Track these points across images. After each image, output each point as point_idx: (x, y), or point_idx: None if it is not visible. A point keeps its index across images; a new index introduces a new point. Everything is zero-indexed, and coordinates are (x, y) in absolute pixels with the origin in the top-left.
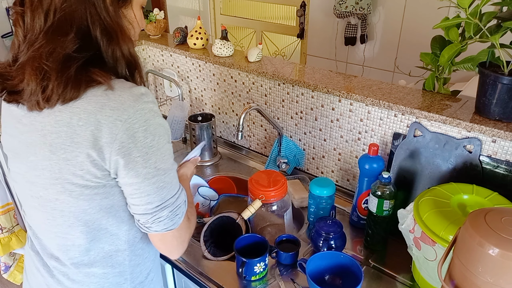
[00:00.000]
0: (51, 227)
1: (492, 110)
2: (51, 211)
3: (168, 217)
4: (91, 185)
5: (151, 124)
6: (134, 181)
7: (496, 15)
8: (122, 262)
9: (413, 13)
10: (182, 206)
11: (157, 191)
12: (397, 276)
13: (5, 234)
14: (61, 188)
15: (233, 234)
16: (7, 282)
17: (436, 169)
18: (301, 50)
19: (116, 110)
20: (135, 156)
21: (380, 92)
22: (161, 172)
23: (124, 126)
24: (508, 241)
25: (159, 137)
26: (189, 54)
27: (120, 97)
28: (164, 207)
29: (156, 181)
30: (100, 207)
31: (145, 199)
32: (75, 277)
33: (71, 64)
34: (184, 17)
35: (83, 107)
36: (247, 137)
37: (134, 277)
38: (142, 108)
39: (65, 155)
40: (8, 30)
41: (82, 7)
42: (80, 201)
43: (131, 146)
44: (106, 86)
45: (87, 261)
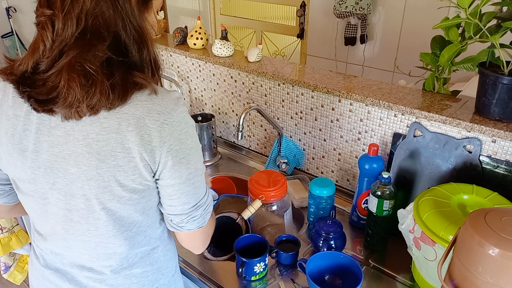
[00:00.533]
0: (92, 238)
1: (492, 110)
2: (93, 222)
3: (202, 216)
4: (139, 189)
5: (190, 126)
6: (176, 182)
7: (496, 15)
8: (158, 258)
9: (413, 13)
10: (211, 203)
11: (194, 191)
12: (397, 276)
13: (5, 234)
14: (110, 196)
15: (233, 234)
16: (7, 282)
17: (436, 169)
18: (301, 50)
19: (162, 114)
20: (180, 157)
21: (380, 92)
22: (199, 172)
23: (170, 129)
24: (508, 241)
25: (195, 137)
26: (189, 54)
27: (163, 101)
28: (199, 206)
29: (195, 181)
30: (143, 210)
31: (183, 199)
32: (114, 282)
33: (114, 68)
34: (184, 17)
35: (131, 113)
36: (247, 137)
37: (168, 271)
38: (182, 111)
39: (116, 161)
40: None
41: (112, 11)
42: (128, 205)
43: (177, 148)
44: (149, 89)
45: (126, 265)
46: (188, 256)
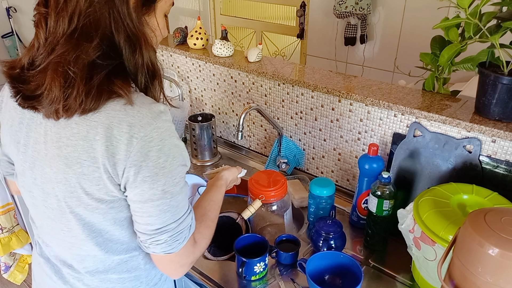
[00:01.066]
0: (67, 238)
1: (492, 110)
2: (66, 222)
3: (166, 242)
4: (106, 199)
5: (166, 144)
6: (138, 199)
7: (496, 15)
8: (138, 267)
9: (413, 13)
10: (185, 231)
11: (159, 214)
12: (397, 276)
13: (5, 234)
14: (76, 202)
15: (233, 234)
16: (7, 282)
17: (435, 169)
18: (301, 50)
19: (133, 126)
20: (144, 175)
21: (380, 92)
22: (167, 196)
23: (139, 144)
24: (508, 241)
25: (172, 158)
26: (189, 54)
27: (139, 113)
28: (163, 231)
29: (160, 204)
30: (115, 220)
31: (146, 219)
32: (90, 283)
33: (95, 72)
34: (184, 17)
35: (100, 121)
36: (247, 137)
37: (149, 279)
38: (160, 127)
39: (81, 169)
40: (8, 30)
41: (106, 12)
42: (95, 214)
43: (143, 164)
44: (126, 100)
45: (102, 269)
46: None
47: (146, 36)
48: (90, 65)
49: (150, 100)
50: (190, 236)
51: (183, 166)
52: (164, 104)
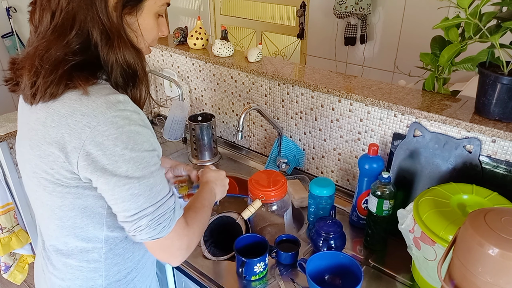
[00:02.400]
0: (37, 215)
1: (492, 110)
2: (34, 200)
3: (149, 226)
4: (62, 184)
5: (124, 132)
6: (105, 188)
7: (496, 15)
8: (98, 259)
9: (413, 13)
10: (168, 213)
11: (131, 199)
12: (397, 276)
13: (5, 234)
14: (37, 182)
15: (233, 234)
16: (7, 282)
17: (435, 169)
18: (301, 50)
19: (87, 116)
20: (103, 163)
21: (380, 92)
22: (134, 180)
23: (92, 133)
24: (508, 241)
25: (133, 145)
26: (189, 54)
27: (93, 102)
28: (142, 216)
29: (129, 188)
30: (73, 206)
31: (120, 206)
32: (56, 264)
33: (60, 65)
34: (184, 17)
35: (57, 109)
36: (247, 137)
37: (110, 275)
38: (115, 116)
39: (39, 152)
40: (8, 30)
41: (84, 9)
42: (54, 197)
43: (99, 153)
44: (81, 90)
45: (65, 252)
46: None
47: (122, 35)
48: (58, 59)
49: (111, 91)
50: (180, 218)
51: (150, 152)
52: (124, 95)
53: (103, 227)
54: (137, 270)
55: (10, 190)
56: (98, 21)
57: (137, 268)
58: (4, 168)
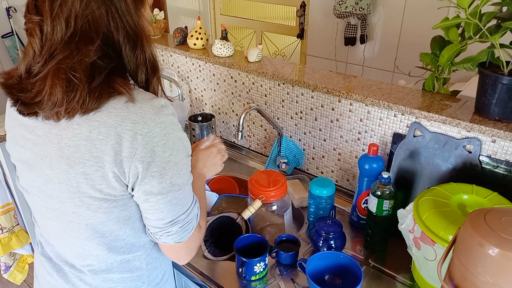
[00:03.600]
0: (69, 238)
1: (492, 110)
2: (68, 223)
3: (177, 233)
4: (109, 199)
5: (171, 138)
6: (148, 196)
7: (496, 15)
8: (140, 267)
9: (412, 13)
10: (194, 220)
11: (170, 208)
12: (397, 276)
13: (5, 234)
14: (79, 202)
15: (233, 234)
16: (7, 282)
17: (435, 169)
18: (301, 50)
19: (137, 123)
20: (152, 170)
21: (380, 92)
22: (176, 188)
23: (144, 140)
24: (508, 241)
25: (177, 151)
26: (189, 54)
27: (141, 109)
28: (174, 223)
29: (171, 198)
30: (118, 219)
31: (158, 215)
32: (92, 282)
33: (97, 73)
34: (184, 17)
35: (103, 121)
36: (247, 137)
37: (151, 280)
38: (163, 122)
39: (83, 169)
40: (8, 30)
41: (104, 12)
42: (99, 214)
43: (150, 160)
44: (127, 97)
45: (104, 268)
46: None
47: (146, 31)
48: (91, 67)
49: (150, 95)
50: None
51: (188, 157)
52: (164, 98)
53: (141, 234)
54: (168, 271)
55: (10, 190)
56: (121, 20)
57: (167, 269)
58: (4, 168)
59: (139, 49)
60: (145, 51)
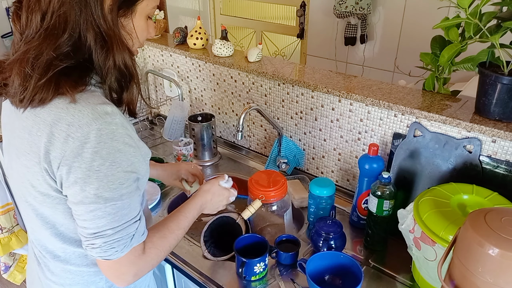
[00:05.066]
0: (29, 224)
1: (492, 110)
2: (26, 208)
3: (101, 247)
4: (51, 195)
5: (105, 148)
6: (71, 200)
7: (496, 15)
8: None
9: (413, 13)
10: (124, 239)
11: (93, 219)
12: (397, 276)
13: (5, 234)
14: (26, 192)
15: (233, 234)
16: (7, 282)
17: (436, 169)
18: (301, 50)
19: (71, 126)
20: (76, 176)
21: (380, 92)
22: (100, 201)
23: (74, 144)
24: (508, 241)
25: (111, 163)
26: (189, 54)
27: (80, 112)
28: (98, 236)
29: (93, 208)
30: (65, 214)
31: (81, 222)
32: (54, 269)
33: (50, 70)
34: (184, 17)
35: (43, 118)
36: (247, 137)
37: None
38: (100, 129)
39: (26, 162)
40: (8, 30)
41: (78, 12)
42: (44, 207)
43: (75, 165)
44: (69, 98)
45: (63, 258)
46: (188, 256)
47: (120, 38)
48: (48, 63)
49: (99, 100)
50: (136, 245)
51: (128, 173)
52: (112, 106)
53: None
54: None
55: (10, 190)
56: (93, 23)
57: None
58: (3, 168)
59: (110, 54)
60: (115, 57)
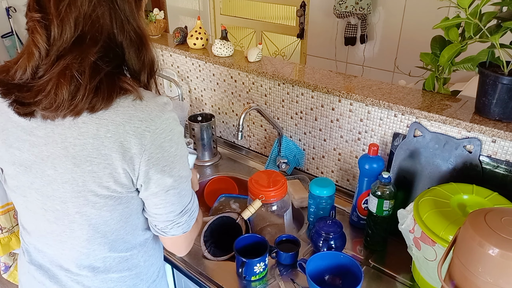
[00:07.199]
0: (68, 239)
1: (492, 110)
2: (68, 224)
3: (186, 222)
4: (115, 196)
5: (175, 133)
6: (160, 190)
7: (496, 15)
8: (138, 264)
9: (413, 13)
10: (196, 209)
11: (180, 200)
12: (397, 276)
13: (5, 234)
14: (84, 201)
15: (233, 234)
16: (7, 282)
17: (436, 169)
18: (301, 50)
19: (144, 121)
20: (162, 165)
21: (380, 92)
22: (184, 180)
23: (152, 137)
24: (508, 241)
25: (181, 145)
26: (189, 54)
27: (147, 107)
28: (184, 213)
29: (180, 189)
30: (121, 217)
31: (169, 208)
32: (91, 283)
33: (101, 72)
34: (184, 17)
35: (110, 119)
36: (247, 137)
37: (149, 276)
38: (167, 118)
39: (91, 167)
40: (8, 30)
41: (109, 14)
42: (103, 212)
43: (159, 156)
44: (134, 95)
45: (103, 268)
46: (188, 256)
47: (147, 33)
48: (95, 66)
49: (152, 93)
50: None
51: (186, 150)
52: (165, 96)
53: (139, 231)
54: (162, 267)
55: None
56: (125, 23)
57: (161, 265)
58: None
59: (144, 51)
60: (148, 53)
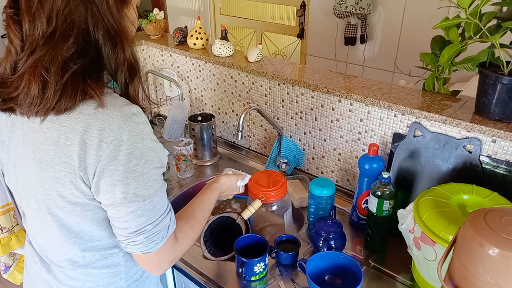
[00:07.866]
0: (48, 236)
1: (492, 110)
2: (46, 222)
3: (142, 243)
4: (81, 202)
5: (138, 148)
6: (111, 204)
7: (496, 15)
8: (118, 263)
9: (413, 13)
10: (162, 231)
11: (134, 219)
12: (397, 276)
13: (5, 234)
14: (52, 204)
15: (233, 234)
16: (7, 282)
17: (436, 169)
18: (301, 50)
19: (103, 131)
20: (114, 179)
21: (380, 92)
22: (139, 199)
23: (109, 148)
24: (508, 241)
25: (145, 161)
26: (189, 54)
27: (109, 116)
28: (140, 233)
29: (134, 208)
30: (92, 222)
31: (122, 224)
32: (72, 274)
33: (68, 71)
34: (184, 17)
35: (70, 126)
36: (247, 137)
37: (129, 276)
38: (131, 130)
39: (54, 173)
40: None
41: (83, 10)
42: (72, 216)
43: (112, 168)
44: (97, 102)
45: (82, 263)
46: (188, 256)
47: (127, 31)
48: (63, 65)
49: (123, 102)
50: (170, 235)
51: (158, 169)
52: (136, 106)
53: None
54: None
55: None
56: (102, 20)
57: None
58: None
59: (120, 48)
60: (125, 50)
